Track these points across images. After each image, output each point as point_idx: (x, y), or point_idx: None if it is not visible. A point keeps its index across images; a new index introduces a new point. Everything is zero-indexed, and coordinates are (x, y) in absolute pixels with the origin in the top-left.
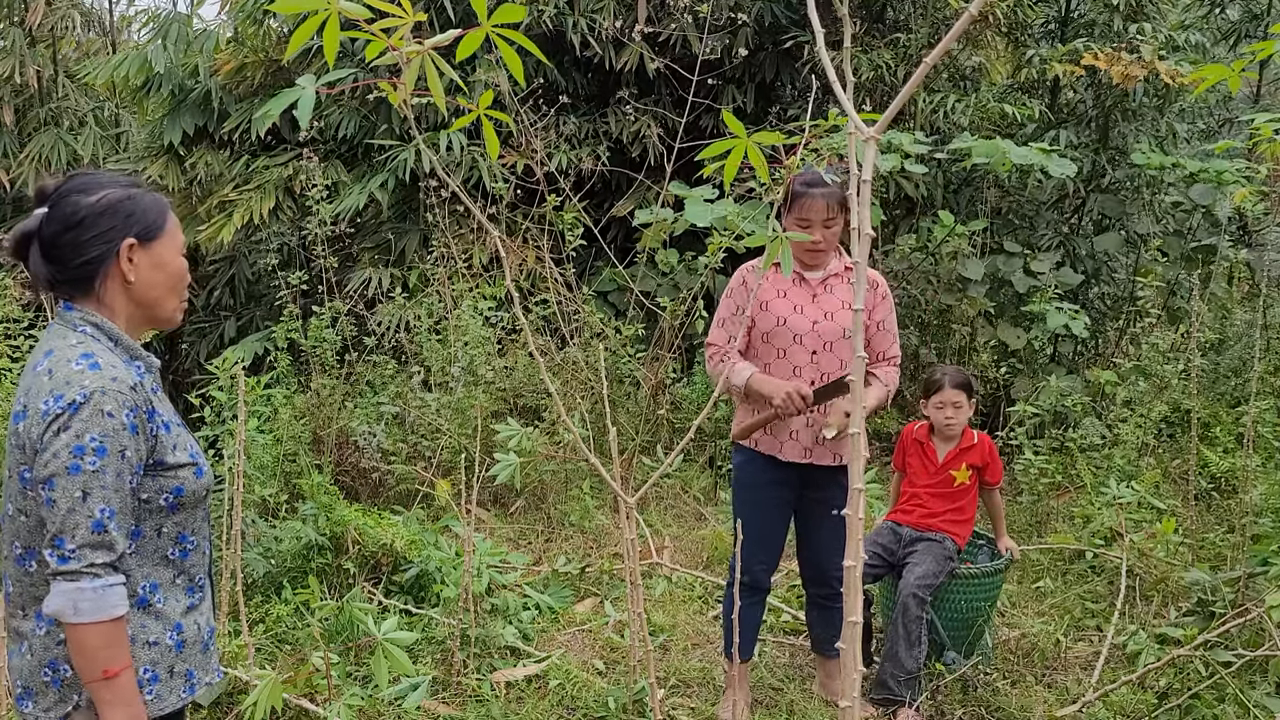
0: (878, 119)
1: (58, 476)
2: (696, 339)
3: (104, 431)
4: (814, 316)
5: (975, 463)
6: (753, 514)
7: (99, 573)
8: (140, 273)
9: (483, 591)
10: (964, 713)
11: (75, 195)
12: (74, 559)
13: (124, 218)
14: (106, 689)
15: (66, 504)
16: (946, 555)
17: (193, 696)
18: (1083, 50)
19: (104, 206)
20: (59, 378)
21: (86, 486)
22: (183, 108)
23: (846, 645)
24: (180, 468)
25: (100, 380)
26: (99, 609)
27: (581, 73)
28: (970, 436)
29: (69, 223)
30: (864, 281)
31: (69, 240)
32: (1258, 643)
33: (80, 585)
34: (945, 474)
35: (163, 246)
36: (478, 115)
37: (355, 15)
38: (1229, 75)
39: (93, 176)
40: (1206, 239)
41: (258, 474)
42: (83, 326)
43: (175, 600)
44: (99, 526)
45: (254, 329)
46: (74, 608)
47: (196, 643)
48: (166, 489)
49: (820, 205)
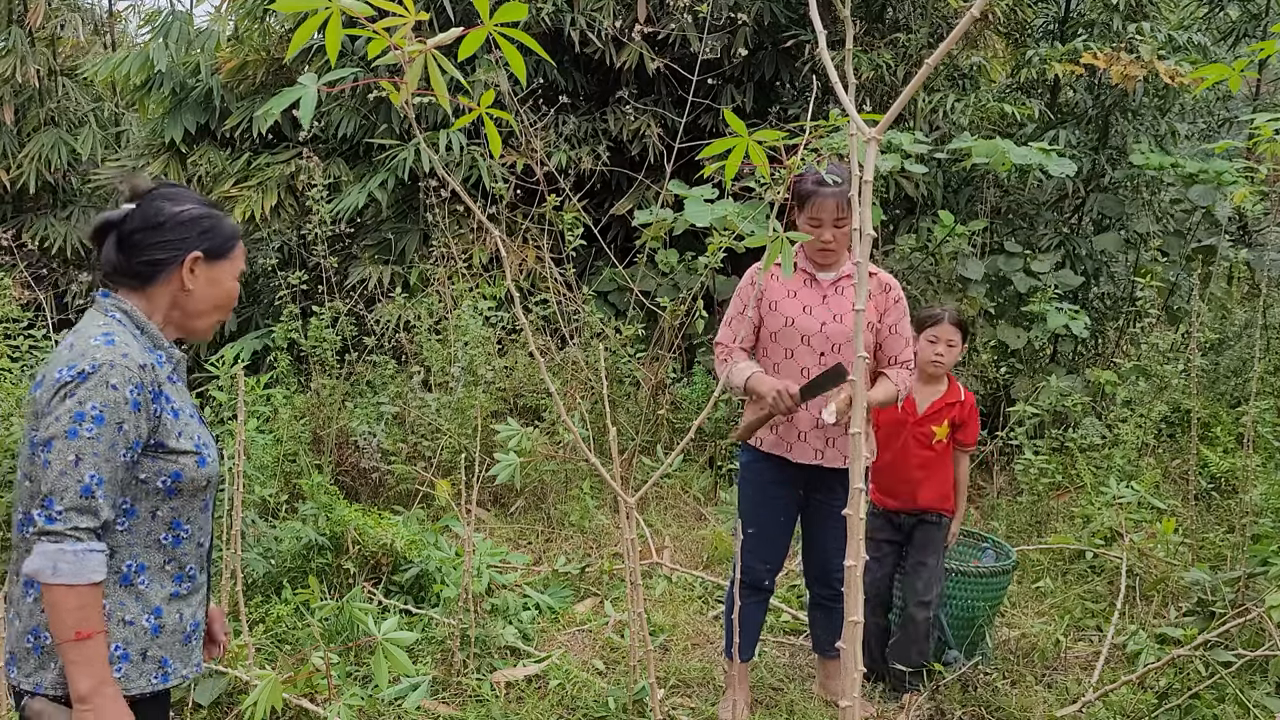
0: (878, 119)
1: (56, 439)
2: (696, 339)
3: (105, 402)
4: (823, 318)
5: (957, 419)
6: (758, 514)
7: (81, 536)
8: (197, 285)
9: (483, 591)
10: (964, 713)
11: (163, 201)
12: (60, 520)
13: (198, 233)
14: (76, 650)
15: (59, 466)
16: (942, 541)
17: (165, 685)
18: (1082, 50)
19: (185, 218)
20: (76, 350)
21: (80, 452)
22: (184, 106)
23: (847, 645)
24: (181, 453)
25: (110, 354)
26: (77, 572)
27: (581, 72)
28: (957, 390)
29: (150, 223)
30: (865, 281)
31: (144, 239)
32: (1258, 643)
33: (62, 547)
34: (926, 427)
35: (223, 268)
36: (478, 114)
37: (357, 14)
38: (1229, 74)
39: (182, 190)
40: (1206, 239)
41: (258, 474)
42: (113, 312)
43: (160, 585)
44: (87, 491)
45: (254, 328)
46: (53, 568)
47: (177, 632)
48: (165, 472)
49: (832, 204)
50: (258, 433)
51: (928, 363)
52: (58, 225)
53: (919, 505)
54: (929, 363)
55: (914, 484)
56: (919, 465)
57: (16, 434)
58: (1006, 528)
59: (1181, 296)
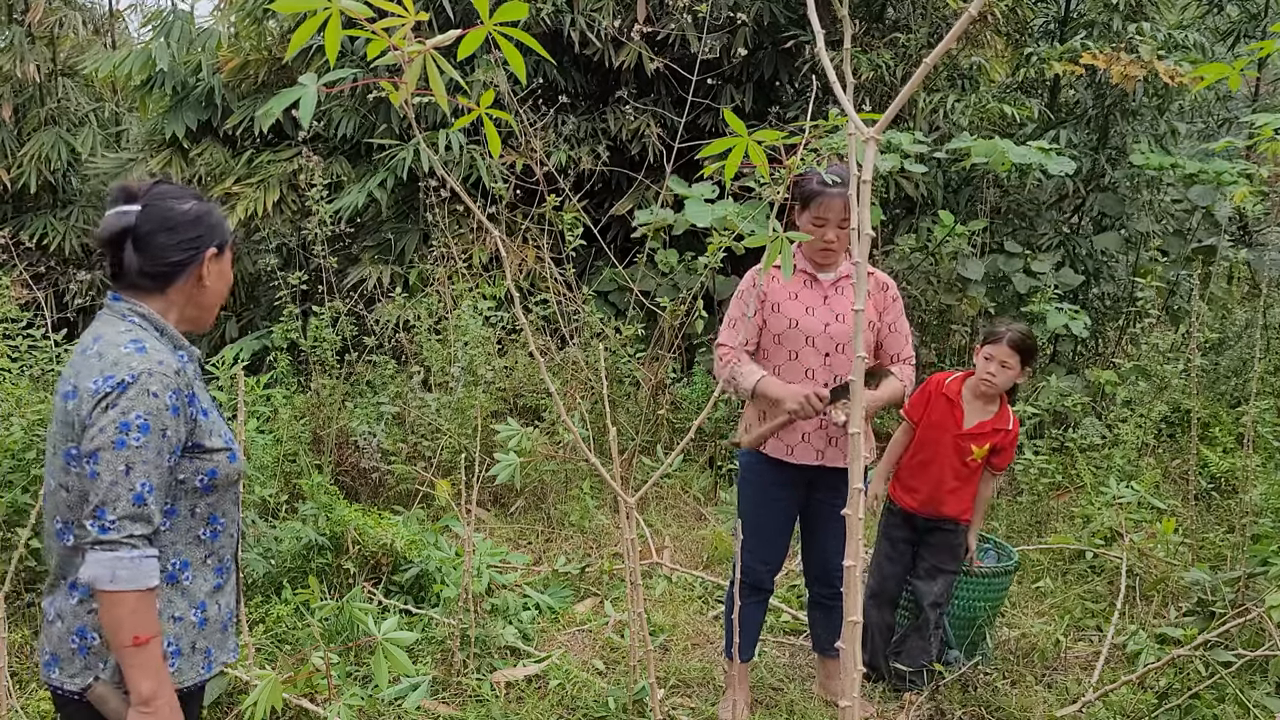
0: (877, 119)
1: (103, 450)
2: (696, 339)
3: (148, 410)
4: (826, 319)
5: (998, 445)
6: (759, 516)
7: (136, 544)
8: (211, 279)
9: (483, 591)
10: (964, 713)
11: (169, 200)
12: (114, 529)
13: (208, 228)
14: (135, 655)
15: (110, 476)
16: (962, 549)
17: (209, 674)
18: (1082, 50)
19: (194, 215)
20: (108, 360)
21: (130, 461)
22: (184, 104)
23: (846, 645)
24: (216, 451)
25: (147, 363)
26: (135, 578)
27: (581, 72)
28: (1007, 417)
29: (164, 224)
30: (864, 281)
31: (163, 241)
32: (1258, 643)
33: (119, 555)
34: (967, 444)
35: (228, 259)
36: (477, 115)
37: (356, 14)
38: (1229, 74)
39: (175, 185)
40: (1207, 239)
41: (258, 474)
42: (131, 316)
43: (203, 579)
44: (139, 500)
45: (253, 329)
46: (112, 576)
47: (217, 622)
48: (202, 471)
49: (839, 205)
50: (258, 433)
51: (979, 380)
52: (57, 225)
53: (941, 513)
54: (980, 380)
55: (944, 492)
56: (954, 476)
57: (16, 434)
58: (1006, 528)
59: (1181, 296)
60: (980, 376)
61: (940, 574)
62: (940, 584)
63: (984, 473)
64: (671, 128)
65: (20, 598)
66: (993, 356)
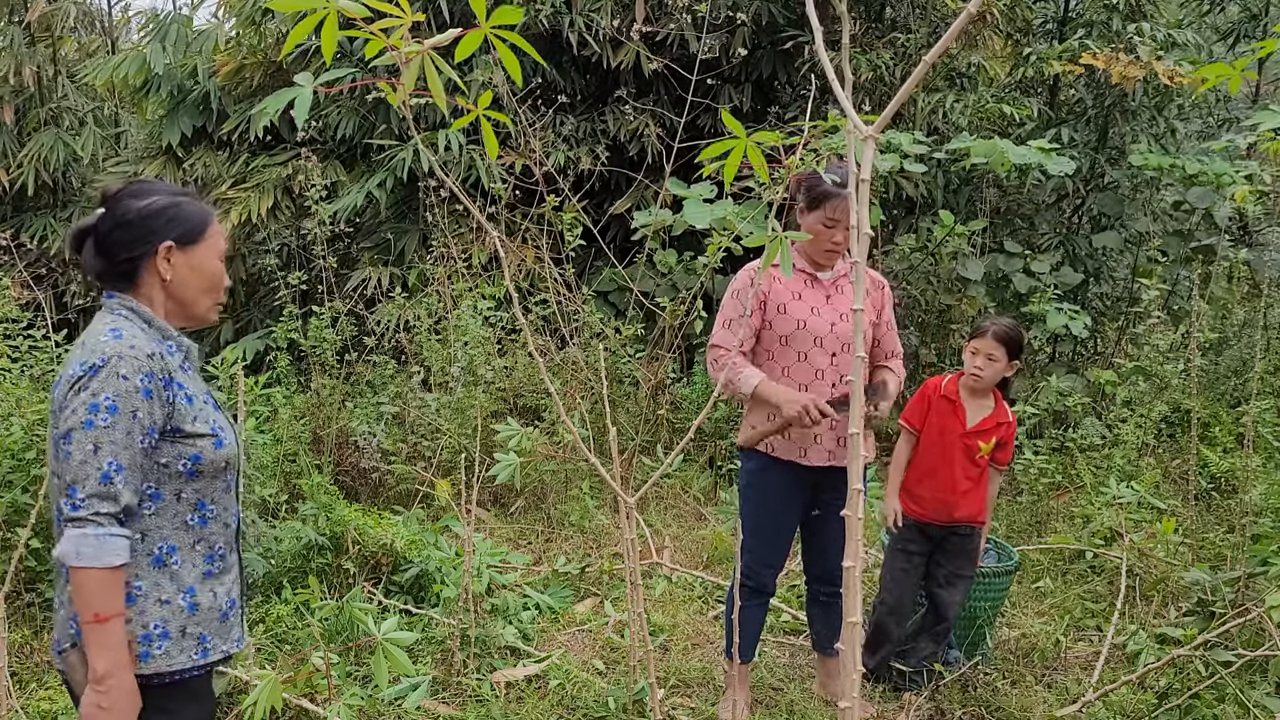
0: (876, 119)
1: (74, 430)
2: (696, 339)
3: (117, 392)
4: (831, 318)
5: (1001, 439)
6: (765, 520)
7: (103, 522)
8: (176, 273)
9: (483, 591)
10: (964, 713)
11: (129, 199)
12: (83, 507)
13: (165, 222)
14: (96, 632)
15: (80, 456)
16: (975, 549)
17: (206, 660)
18: (1081, 50)
19: (150, 211)
20: (87, 347)
21: (98, 441)
22: (181, 108)
23: (846, 645)
24: (199, 437)
25: (118, 347)
26: (98, 555)
27: (579, 72)
28: (1004, 411)
29: (119, 222)
30: (863, 281)
31: (117, 238)
32: (1258, 643)
33: (85, 532)
34: (974, 442)
35: (201, 252)
36: (476, 115)
37: (353, 14)
38: (1229, 74)
39: (147, 184)
40: (1206, 239)
41: (258, 474)
42: (120, 310)
43: (192, 565)
44: (106, 478)
45: (253, 330)
46: (76, 552)
47: (213, 610)
48: (184, 455)
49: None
50: (257, 433)
51: (967, 375)
52: (57, 225)
53: (955, 518)
54: (969, 375)
55: (958, 496)
56: (965, 477)
57: (16, 434)
58: (1006, 528)
59: (1181, 296)
60: (968, 371)
61: (960, 580)
62: (960, 590)
63: (989, 469)
64: (670, 128)
65: (20, 598)
66: (978, 351)
